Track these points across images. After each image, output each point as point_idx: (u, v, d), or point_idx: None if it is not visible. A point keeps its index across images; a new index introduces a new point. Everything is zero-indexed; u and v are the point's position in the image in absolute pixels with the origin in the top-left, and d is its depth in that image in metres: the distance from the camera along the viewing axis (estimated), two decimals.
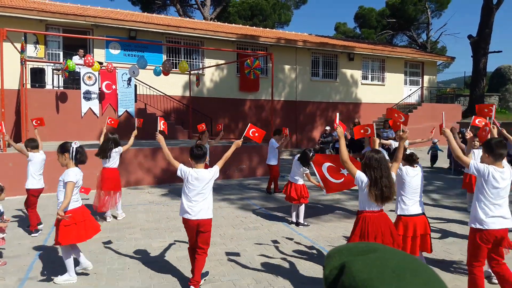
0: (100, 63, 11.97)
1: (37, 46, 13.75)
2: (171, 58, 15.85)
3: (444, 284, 0.81)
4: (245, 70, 12.42)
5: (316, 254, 5.17)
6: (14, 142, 6.45)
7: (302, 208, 6.48)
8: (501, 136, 5.29)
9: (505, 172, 3.57)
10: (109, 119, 7.38)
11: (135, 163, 9.91)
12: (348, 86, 20.20)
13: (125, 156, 8.95)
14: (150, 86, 14.57)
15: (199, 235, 4.03)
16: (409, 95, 21.08)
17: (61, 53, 14.41)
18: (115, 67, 12.88)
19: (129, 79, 13.40)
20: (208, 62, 16.39)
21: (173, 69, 13.50)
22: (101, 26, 14.58)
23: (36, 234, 5.90)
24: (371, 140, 4.34)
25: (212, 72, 16.83)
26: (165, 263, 4.81)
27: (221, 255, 5.06)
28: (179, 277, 4.37)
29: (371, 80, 21.03)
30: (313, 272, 4.53)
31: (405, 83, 22.01)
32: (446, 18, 74.26)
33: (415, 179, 4.17)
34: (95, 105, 12.99)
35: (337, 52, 19.68)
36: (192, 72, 15.08)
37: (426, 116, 19.04)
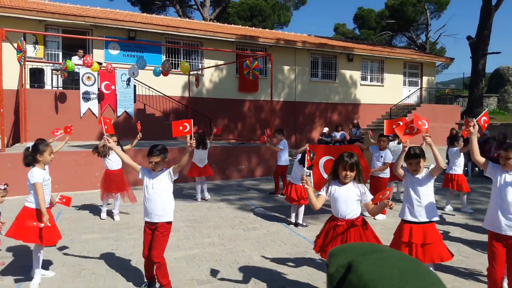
0: (99, 64, 11.97)
1: (37, 46, 13.76)
2: (170, 59, 15.87)
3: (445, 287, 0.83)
4: (244, 71, 12.45)
5: (315, 254, 5.16)
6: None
7: (301, 209, 6.50)
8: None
9: None
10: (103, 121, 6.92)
11: None
12: (347, 86, 20.22)
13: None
14: (149, 87, 14.56)
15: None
16: (408, 96, 21.11)
17: (61, 54, 14.42)
18: (114, 68, 12.87)
19: (128, 80, 13.40)
20: (208, 62, 16.40)
21: (173, 70, 13.51)
22: (100, 27, 14.58)
23: None
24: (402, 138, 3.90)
25: (212, 72, 16.84)
26: None
27: (219, 256, 5.06)
28: (178, 277, 4.37)
29: (370, 81, 21.05)
30: (311, 272, 4.54)
31: (404, 84, 22.05)
32: (445, 19, 74.19)
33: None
34: (94, 105, 12.99)
35: (336, 53, 19.71)
36: (191, 72, 15.08)
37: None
